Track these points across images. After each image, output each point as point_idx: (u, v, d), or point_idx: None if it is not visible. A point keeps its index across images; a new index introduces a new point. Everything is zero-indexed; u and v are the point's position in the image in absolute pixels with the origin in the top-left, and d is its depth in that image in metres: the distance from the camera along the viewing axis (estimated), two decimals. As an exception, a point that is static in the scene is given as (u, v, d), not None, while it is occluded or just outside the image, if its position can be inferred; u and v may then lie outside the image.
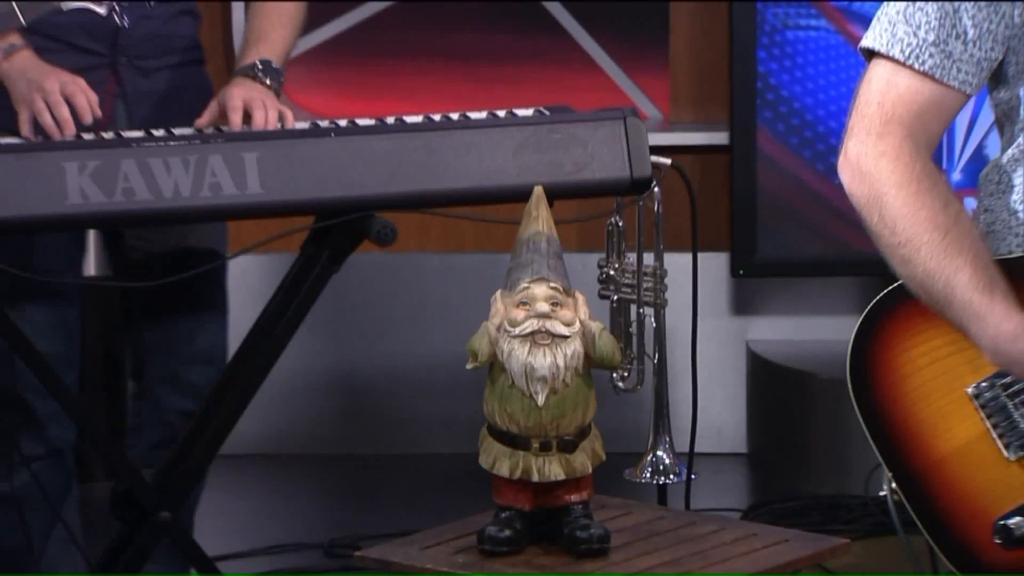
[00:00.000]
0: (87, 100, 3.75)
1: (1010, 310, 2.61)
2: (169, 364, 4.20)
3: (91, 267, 4.63)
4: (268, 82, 3.89)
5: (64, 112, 3.72)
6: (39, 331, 3.98)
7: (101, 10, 2.97)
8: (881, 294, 2.80)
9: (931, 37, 2.68)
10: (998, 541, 2.65)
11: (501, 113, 3.93)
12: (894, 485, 2.77)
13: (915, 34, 2.69)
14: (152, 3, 3.30)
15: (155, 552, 4.03)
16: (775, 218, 5.36)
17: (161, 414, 4.22)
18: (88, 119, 3.72)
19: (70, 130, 3.73)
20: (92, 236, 4.42)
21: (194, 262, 4.11)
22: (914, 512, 2.76)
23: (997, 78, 2.75)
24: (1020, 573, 2.67)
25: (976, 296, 2.62)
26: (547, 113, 3.94)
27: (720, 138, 5.43)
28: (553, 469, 3.35)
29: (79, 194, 3.61)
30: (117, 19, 3.85)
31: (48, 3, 2.94)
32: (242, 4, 4.38)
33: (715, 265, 5.37)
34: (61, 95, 3.75)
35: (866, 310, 2.83)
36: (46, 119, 3.75)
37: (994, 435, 2.69)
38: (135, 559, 3.97)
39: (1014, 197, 2.74)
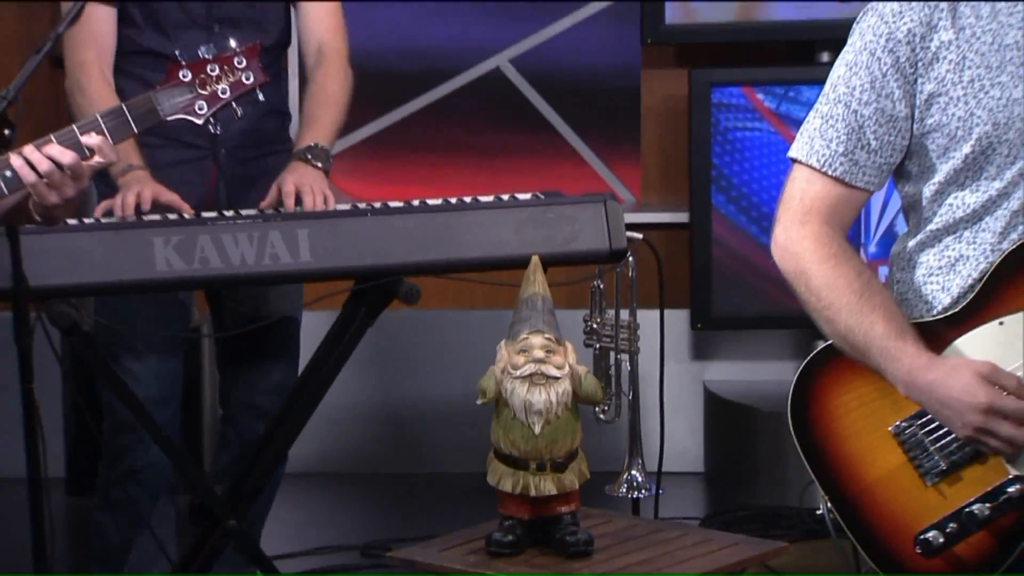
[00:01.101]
0: (143, 200, 3.76)
1: (919, 350, 2.60)
2: (249, 396, 4.18)
3: (196, 321, 4.63)
4: (319, 164, 3.88)
5: (126, 208, 3.74)
6: (139, 380, 3.97)
7: (198, 121, 2.98)
8: (816, 350, 2.77)
9: (841, 149, 2.68)
10: (919, 551, 2.60)
11: (505, 197, 3.90)
12: (830, 505, 2.71)
13: (828, 147, 2.69)
14: (239, 114, 3.27)
15: (226, 553, 4.01)
16: (726, 282, 5.32)
17: (240, 435, 4.20)
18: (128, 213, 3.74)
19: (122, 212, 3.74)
20: (197, 296, 4.38)
21: (271, 319, 4.11)
22: (848, 528, 2.70)
23: (903, 175, 2.75)
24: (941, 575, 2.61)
25: (890, 342, 2.60)
26: (542, 197, 3.93)
27: (682, 217, 5.39)
28: (547, 485, 3.34)
29: (165, 263, 3.61)
30: (211, 127, 3.82)
31: (155, 116, 2.94)
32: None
33: (678, 320, 5.32)
34: (136, 198, 3.76)
35: (803, 364, 2.79)
36: (118, 205, 3.76)
37: (913, 466, 2.64)
38: (207, 559, 3.94)
39: (919, 273, 2.73)
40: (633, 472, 3.91)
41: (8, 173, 2.77)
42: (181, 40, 3.86)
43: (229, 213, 3.77)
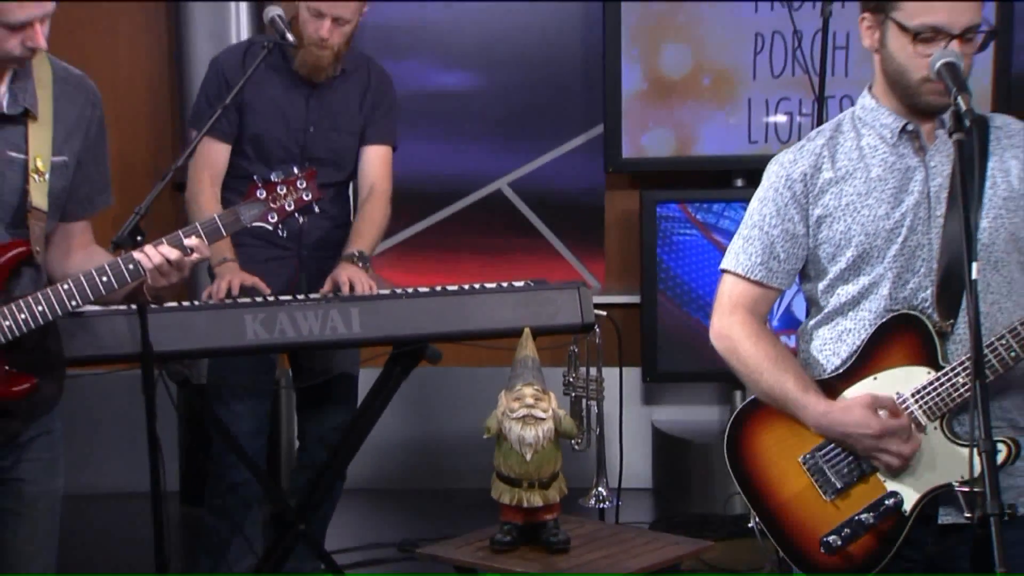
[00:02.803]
0: (233, 287, 3.76)
1: (820, 398, 2.59)
2: (319, 431, 4.17)
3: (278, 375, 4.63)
4: (362, 265, 3.87)
5: (214, 294, 3.74)
6: (239, 417, 3.98)
7: (269, 227, 2.98)
8: (746, 401, 2.73)
9: (758, 260, 2.68)
10: (823, 551, 2.57)
11: (504, 284, 3.90)
12: (757, 519, 2.69)
13: (749, 259, 2.69)
14: (301, 221, 3.25)
15: (297, 549, 4.00)
16: (668, 347, 5.26)
17: (311, 461, 4.17)
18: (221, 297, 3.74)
19: (216, 298, 3.73)
20: (281, 356, 4.35)
21: (334, 374, 4.12)
22: (770, 534, 2.67)
23: (804, 276, 2.73)
24: (840, 569, 2.57)
25: (799, 394, 2.60)
26: (532, 284, 3.93)
27: (635, 299, 5.33)
28: (536, 499, 3.35)
29: (253, 333, 3.62)
30: (279, 231, 3.75)
31: (238, 224, 2.94)
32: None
33: (632, 375, 5.26)
34: (227, 284, 3.77)
35: (735, 412, 2.76)
36: (214, 291, 3.76)
37: (816, 486, 2.61)
38: (283, 554, 3.94)
39: (816, 345, 2.69)
40: (599, 488, 3.85)
41: (131, 266, 2.78)
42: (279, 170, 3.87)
43: (300, 296, 3.76)
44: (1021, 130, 2.61)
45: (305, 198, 2.94)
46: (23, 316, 2.70)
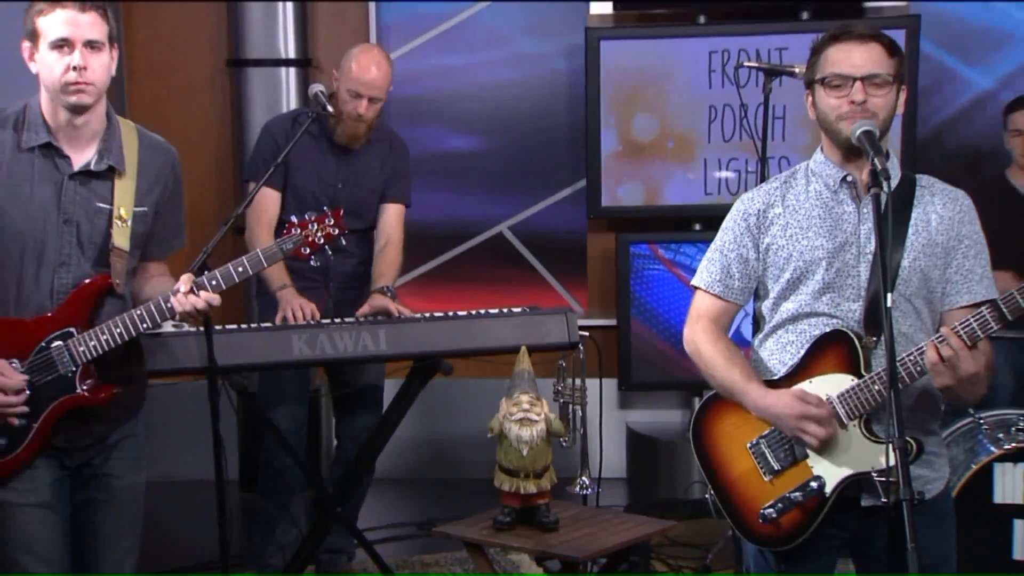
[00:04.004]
0: (308, 312, 3.77)
1: (759, 387, 2.58)
2: (352, 431, 4.16)
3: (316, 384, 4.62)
4: (390, 295, 3.87)
5: (296, 317, 3.74)
6: (282, 418, 3.97)
7: (303, 257, 2.98)
8: (708, 395, 2.73)
9: (716, 277, 2.68)
10: (761, 521, 2.57)
11: (504, 309, 3.89)
12: (712, 494, 2.69)
13: (710, 275, 2.69)
14: (329, 252, 3.25)
15: (335, 529, 3.98)
16: (640, 361, 5.23)
17: (346, 456, 4.16)
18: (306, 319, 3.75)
19: (299, 320, 3.73)
20: (318, 371, 4.35)
21: (363, 384, 4.13)
22: (722, 507, 2.67)
23: (757, 295, 2.73)
24: (773, 536, 2.57)
25: (743, 384, 2.60)
26: (527, 309, 3.92)
27: (612, 322, 5.32)
28: (531, 487, 3.37)
29: (298, 351, 3.62)
30: (311, 262, 3.86)
31: (277, 256, 2.95)
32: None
33: (610, 385, 5.26)
34: (302, 312, 3.77)
35: (700, 404, 2.74)
36: (288, 316, 3.76)
37: (758, 468, 2.61)
38: (322, 532, 3.92)
39: (764, 354, 2.67)
40: (583, 478, 3.81)
41: (168, 304, 2.76)
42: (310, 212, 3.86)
43: (337, 320, 3.76)
44: (942, 191, 2.61)
45: (333, 232, 2.94)
46: (105, 337, 2.72)
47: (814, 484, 2.54)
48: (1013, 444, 3.62)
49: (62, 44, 2.62)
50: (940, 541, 2.56)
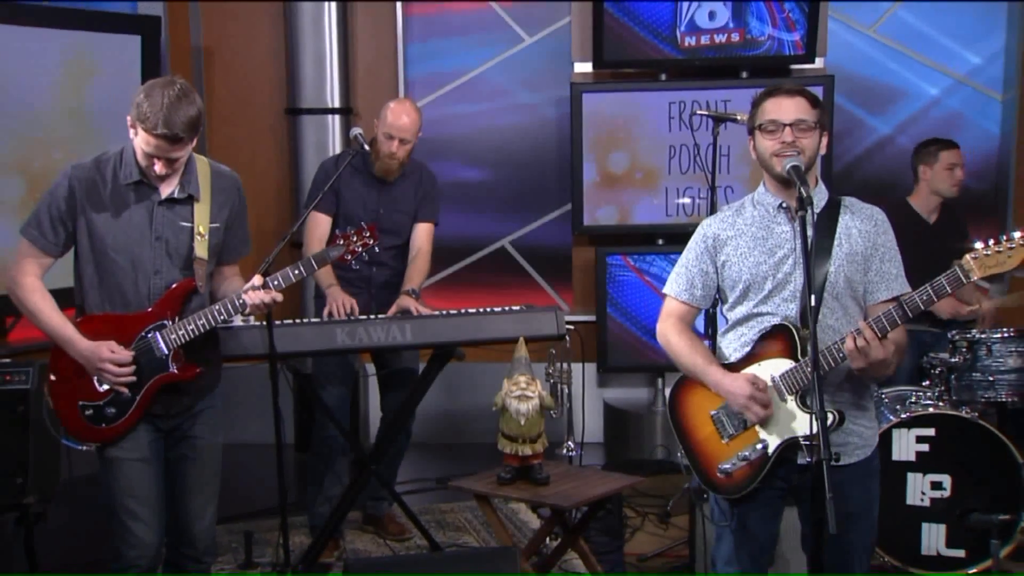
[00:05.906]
0: (349, 305, 3.74)
1: (718, 370, 2.56)
2: (391, 404, 4.10)
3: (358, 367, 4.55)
4: (415, 297, 3.83)
5: (340, 313, 3.71)
6: (329, 395, 3.93)
7: (345, 263, 2.97)
8: (679, 376, 2.68)
9: (683, 287, 2.66)
10: (719, 475, 2.57)
11: (506, 307, 3.81)
12: (682, 453, 2.67)
13: (678, 286, 2.67)
14: (366, 258, 3.24)
15: (371, 483, 3.90)
16: (615, 349, 5.22)
17: (387, 423, 4.09)
18: (347, 314, 3.72)
19: (341, 316, 3.70)
20: (363, 357, 4.27)
21: (399, 366, 4.07)
22: (690, 463, 2.65)
23: (720, 300, 2.70)
24: (728, 486, 2.56)
25: (705, 367, 2.59)
26: (524, 307, 3.83)
27: (592, 318, 5.29)
28: (527, 450, 3.36)
29: (340, 340, 3.56)
30: (353, 265, 3.78)
31: (325, 262, 2.92)
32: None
33: (591, 368, 5.23)
34: (344, 305, 3.75)
35: (675, 382, 2.70)
36: (333, 309, 3.73)
37: (718, 432, 2.59)
38: (362, 486, 3.84)
39: (724, 344, 2.65)
40: (569, 443, 3.85)
41: (241, 300, 2.80)
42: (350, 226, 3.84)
43: (373, 316, 3.72)
44: (860, 209, 2.61)
45: (368, 242, 2.96)
46: (191, 327, 2.79)
47: (760, 446, 2.54)
48: (907, 414, 3.63)
49: (151, 156, 2.70)
50: (864, 493, 2.57)
